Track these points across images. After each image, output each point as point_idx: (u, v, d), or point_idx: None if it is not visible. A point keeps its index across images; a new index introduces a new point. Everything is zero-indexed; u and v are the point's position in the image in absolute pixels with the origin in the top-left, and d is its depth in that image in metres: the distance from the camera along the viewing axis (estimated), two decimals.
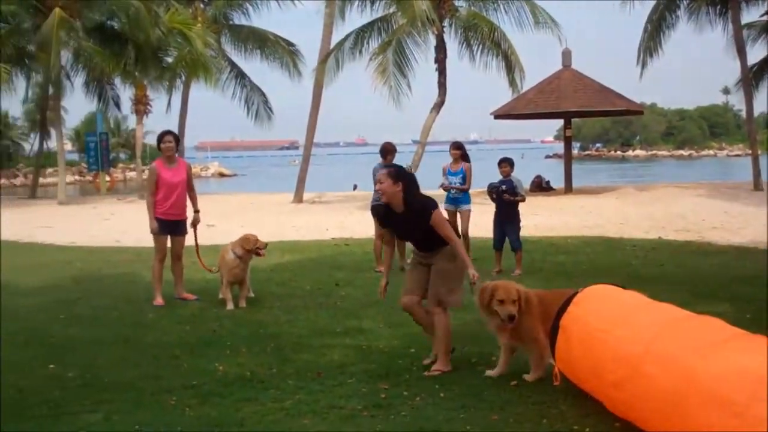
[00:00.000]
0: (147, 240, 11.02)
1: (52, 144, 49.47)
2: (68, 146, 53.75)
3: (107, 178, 40.11)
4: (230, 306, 9.23)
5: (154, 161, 9.88)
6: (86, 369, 6.72)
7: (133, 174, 54.40)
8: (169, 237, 9.76)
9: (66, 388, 6.20)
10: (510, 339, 6.15)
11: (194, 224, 9.86)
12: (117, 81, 34.25)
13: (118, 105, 36.37)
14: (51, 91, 34.06)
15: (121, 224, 21.21)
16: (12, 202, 34.31)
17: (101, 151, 38.89)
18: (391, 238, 6.96)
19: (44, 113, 38.44)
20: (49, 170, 54.73)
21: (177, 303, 9.57)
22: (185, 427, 5.21)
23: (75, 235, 18.61)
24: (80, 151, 65.99)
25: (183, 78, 33.60)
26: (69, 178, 43.81)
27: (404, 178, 6.46)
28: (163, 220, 9.61)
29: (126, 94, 34.95)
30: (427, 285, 6.50)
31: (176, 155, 9.78)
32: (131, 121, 55.98)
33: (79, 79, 34.61)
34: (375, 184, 6.95)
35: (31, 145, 71.74)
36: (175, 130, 33.65)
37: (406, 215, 6.42)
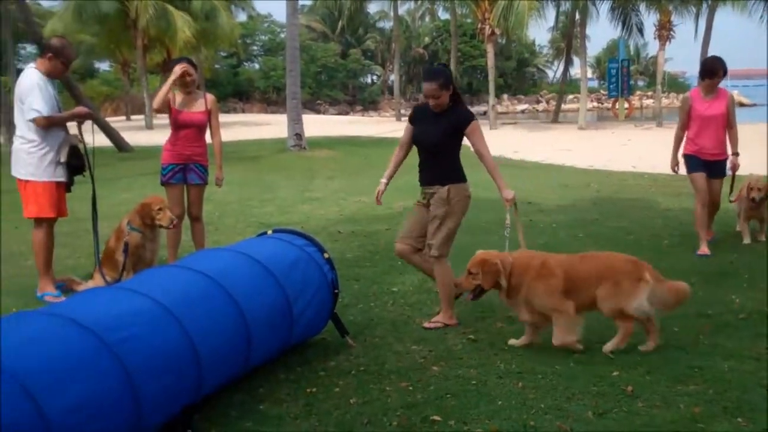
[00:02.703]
0: (663, 167, 10.92)
1: (574, 71, 51.20)
2: (589, 73, 54.90)
3: (625, 105, 40.23)
4: (747, 240, 8.79)
5: (690, 91, 8.74)
6: None
7: (650, 102, 53.90)
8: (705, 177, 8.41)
9: None
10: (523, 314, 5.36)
11: (733, 169, 8.54)
12: (641, 7, 33.95)
13: (641, 31, 36.13)
14: (577, 18, 35.03)
15: (637, 150, 21.28)
16: (535, 126, 36.38)
17: (621, 77, 39.02)
18: (407, 141, 6.32)
19: (569, 41, 39.77)
20: (570, 97, 56.70)
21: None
22: (695, 354, 5.16)
23: (593, 159, 19.13)
24: (600, 78, 67.08)
25: (709, 2, 32.05)
26: (588, 105, 44.84)
27: (452, 81, 5.93)
28: (697, 158, 8.41)
29: (650, 20, 34.52)
30: (424, 229, 6.05)
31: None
32: (651, 48, 55.29)
33: (604, 6, 35.06)
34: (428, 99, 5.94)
35: (554, 72, 75.03)
36: (698, 57, 32.75)
37: (444, 114, 5.94)
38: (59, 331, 3.42)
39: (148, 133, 32.07)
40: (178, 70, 7.24)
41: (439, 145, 6.00)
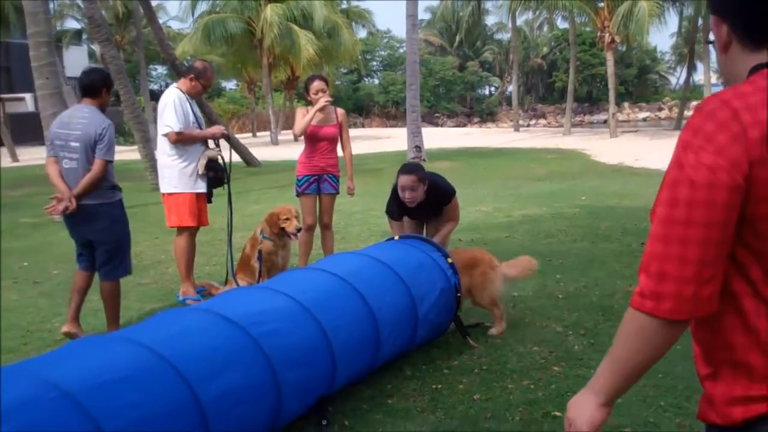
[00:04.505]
0: None
1: (697, 77, 49.75)
2: (713, 79, 53.17)
3: None
4: None
5: None
6: None
7: None
8: None
9: None
10: None
11: None
12: None
13: None
14: (700, 23, 34.15)
15: None
16: (657, 134, 35.61)
17: None
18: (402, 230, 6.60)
19: (692, 46, 38.76)
20: (693, 103, 55.11)
21: None
22: None
23: None
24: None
25: None
26: None
27: (426, 174, 6.32)
28: None
29: None
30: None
31: None
32: None
33: None
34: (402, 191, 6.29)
35: (677, 78, 73.03)
36: None
37: (427, 201, 6.36)
38: (210, 324, 3.76)
39: (274, 149, 33.10)
40: (323, 102, 7.57)
41: (436, 213, 6.64)
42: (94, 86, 6.06)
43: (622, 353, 1.72)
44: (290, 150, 29.39)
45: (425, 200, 6.32)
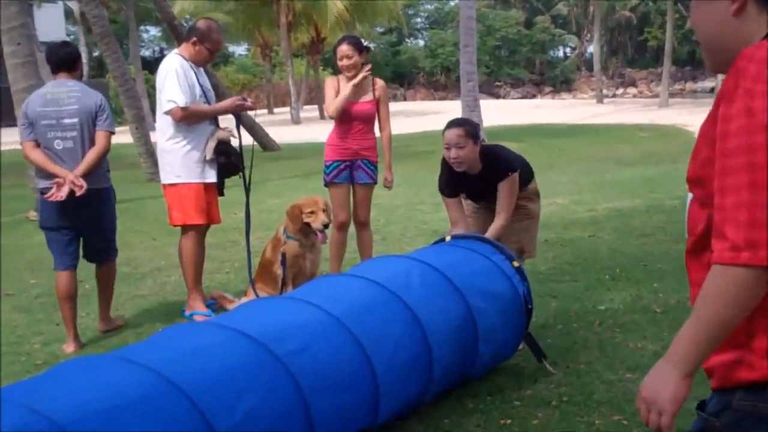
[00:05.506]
0: None
1: None
2: None
3: None
4: None
5: None
6: None
7: None
8: None
9: None
10: None
11: None
12: None
13: None
14: None
15: None
16: None
17: None
18: (461, 214, 6.28)
19: None
20: None
21: None
22: None
23: None
24: None
25: None
26: None
27: (479, 133, 6.13)
28: None
29: None
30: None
31: None
32: None
33: None
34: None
35: None
36: None
37: (483, 174, 6.02)
38: (225, 342, 3.83)
39: (295, 129, 33.29)
40: (361, 76, 7.52)
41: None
42: (70, 60, 6.62)
43: (711, 315, 1.96)
44: (315, 130, 29.52)
45: (481, 172, 6.01)
